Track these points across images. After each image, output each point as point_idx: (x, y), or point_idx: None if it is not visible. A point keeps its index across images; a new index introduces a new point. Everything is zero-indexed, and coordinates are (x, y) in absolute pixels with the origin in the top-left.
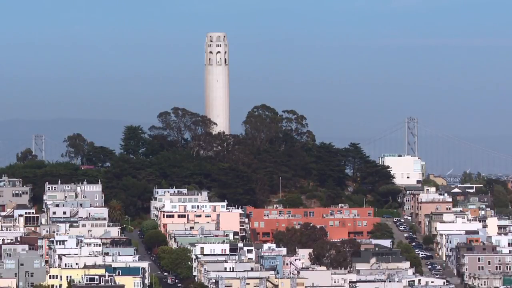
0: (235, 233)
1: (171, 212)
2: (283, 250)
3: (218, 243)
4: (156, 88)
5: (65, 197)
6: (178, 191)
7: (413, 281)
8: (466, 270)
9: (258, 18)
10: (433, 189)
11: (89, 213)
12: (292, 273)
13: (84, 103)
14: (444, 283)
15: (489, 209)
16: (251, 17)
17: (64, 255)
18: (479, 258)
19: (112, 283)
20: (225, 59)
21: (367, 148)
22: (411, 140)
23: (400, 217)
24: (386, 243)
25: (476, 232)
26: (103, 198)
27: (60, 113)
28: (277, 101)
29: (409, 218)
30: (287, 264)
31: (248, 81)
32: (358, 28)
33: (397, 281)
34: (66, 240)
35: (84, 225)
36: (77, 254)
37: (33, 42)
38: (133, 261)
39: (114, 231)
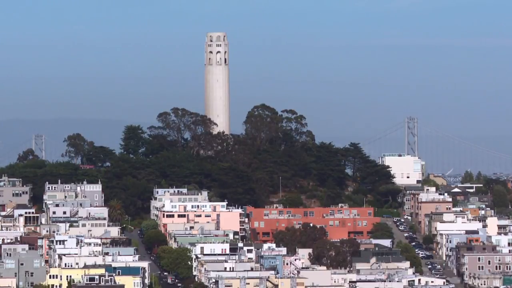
0: (235, 233)
1: (171, 212)
2: (283, 250)
3: (218, 243)
4: (156, 88)
5: (65, 197)
6: (178, 191)
7: (413, 281)
8: (466, 270)
9: (258, 18)
10: (433, 189)
11: (89, 213)
12: (292, 273)
13: (84, 103)
14: (444, 283)
15: (489, 209)
16: (251, 17)
17: (64, 255)
18: (479, 258)
19: (112, 283)
20: (225, 59)
21: (367, 148)
22: (411, 140)
23: (400, 217)
24: (386, 243)
25: (476, 232)
26: (103, 198)
27: (60, 113)
28: (277, 101)
29: (409, 218)
30: (287, 264)
31: (248, 81)
32: (358, 28)
33: (397, 281)
34: (66, 240)
35: (84, 225)
36: (77, 254)
37: (33, 42)
38: (133, 261)
39: (114, 231)
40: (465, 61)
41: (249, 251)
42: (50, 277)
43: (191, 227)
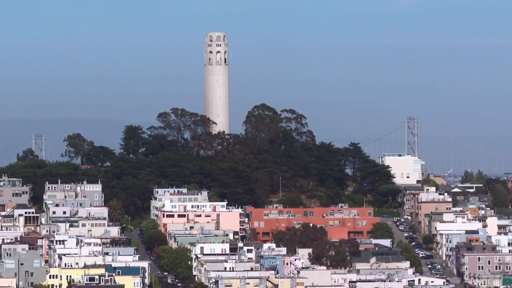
0: (235, 233)
1: (171, 211)
2: (283, 250)
3: (218, 243)
4: (156, 88)
5: (65, 196)
6: (178, 190)
7: (413, 280)
8: (466, 269)
9: (258, 18)
10: (433, 189)
11: (89, 213)
12: (292, 273)
13: (84, 103)
14: (444, 283)
15: (489, 208)
16: (251, 17)
17: (64, 254)
18: (479, 258)
19: (112, 283)
20: (225, 59)
21: (367, 148)
22: (411, 140)
23: (400, 217)
24: (386, 242)
25: (476, 232)
26: (103, 198)
27: (60, 113)
28: (277, 101)
29: (409, 217)
30: (287, 264)
31: (248, 81)
32: (359, 28)
33: (397, 281)
34: (66, 240)
35: (84, 225)
36: (77, 254)
37: (33, 42)
38: (133, 261)
39: (114, 231)
40: (465, 61)
41: (249, 251)
42: (50, 277)
43: (191, 227)
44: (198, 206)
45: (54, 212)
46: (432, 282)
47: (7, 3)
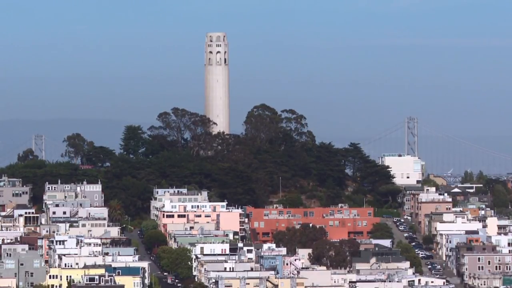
0: (235, 233)
1: (171, 212)
2: (283, 250)
3: (218, 243)
4: (156, 88)
5: (65, 197)
6: (178, 191)
7: (413, 281)
8: (466, 270)
9: (258, 18)
10: (433, 189)
11: (89, 213)
12: (292, 273)
13: (84, 103)
14: (444, 283)
15: (489, 209)
16: (251, 17)
17: (64, 255)
18: (479, 258)
19: (112, 283)
20: (225, 59)
21: (367, 148)
22: (411, 140)
23: (400, 217)
24: (386, 243)
25: (476, 232)
26: (103, 198)
27: (60, 113)
28: (277, 101)
29: (409, 218)
30: (287, 264)
31: (248, 81)
32: (358, 28)
33: (397, 281)
34: (66, 240)
35: (84, 225)
36: (77, 254)
37: (33, 42)
38: (133, 261)
39: (114, 231)
40: (465, 61)
41: (249, 251)
42: (50, 277)
43: (191, 227)
44: (198, 206)
45: (54, 212)
46: (432, 282)
47: (7, 3)
